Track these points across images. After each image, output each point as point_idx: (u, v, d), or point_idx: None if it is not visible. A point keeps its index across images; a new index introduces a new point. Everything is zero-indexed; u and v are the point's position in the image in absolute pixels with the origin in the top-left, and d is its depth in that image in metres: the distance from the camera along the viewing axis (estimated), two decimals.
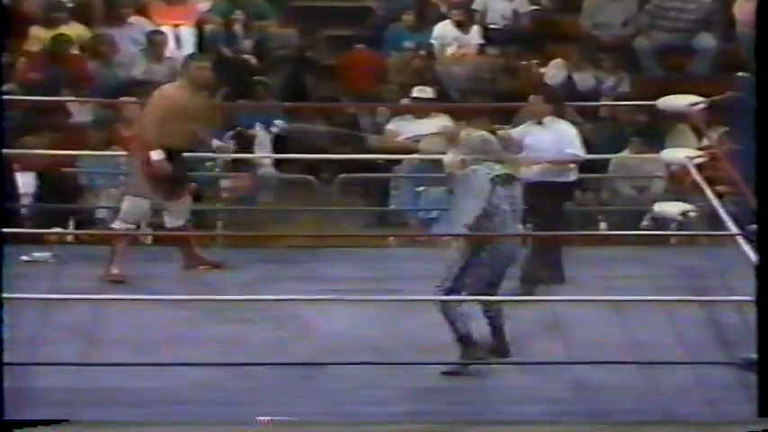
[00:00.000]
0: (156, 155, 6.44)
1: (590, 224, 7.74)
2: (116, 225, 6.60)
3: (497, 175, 5.80)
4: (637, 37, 9.23)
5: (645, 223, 7.28)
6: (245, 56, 9.29)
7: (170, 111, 6.48)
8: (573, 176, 6.92)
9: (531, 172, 6.72)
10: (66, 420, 5.03)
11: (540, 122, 6.91)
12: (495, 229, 5.73)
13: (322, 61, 9.28)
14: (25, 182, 7.62)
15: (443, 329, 5.79)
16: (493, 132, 8.13)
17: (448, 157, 5.95)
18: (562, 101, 7.14)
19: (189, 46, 9.32)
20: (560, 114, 6.93)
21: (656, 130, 8.23)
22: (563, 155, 6.81)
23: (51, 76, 8.73)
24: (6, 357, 5.51)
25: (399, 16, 9.43)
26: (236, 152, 7.81)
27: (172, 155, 6.54)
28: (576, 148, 6.89)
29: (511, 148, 6.70)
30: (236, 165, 8.26)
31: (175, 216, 6.62)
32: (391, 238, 7.88)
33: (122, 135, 8.20)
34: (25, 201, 7.56)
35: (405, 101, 8.65)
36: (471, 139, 5.98)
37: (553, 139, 6.83)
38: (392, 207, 8.26)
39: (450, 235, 7.77)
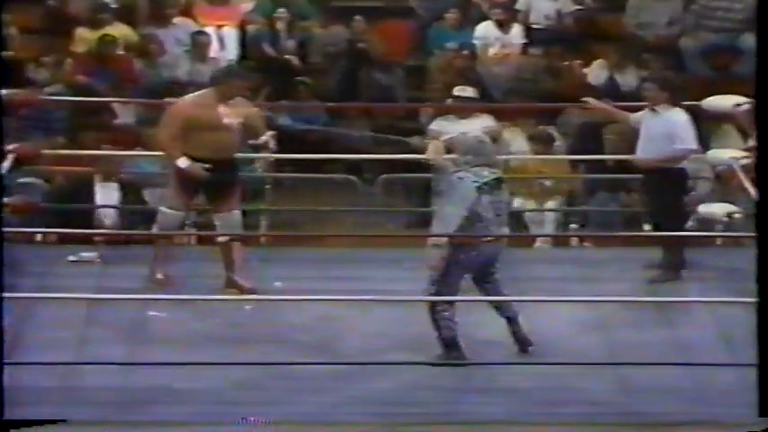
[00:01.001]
0: (183, 162, 6.31)
1: (634, 226, 7.69)
2: (155, 230, 6.54)
3: (485, 183, 5.73)
4: (682, 37, 9.16)
5: (690, 224, 7.21)
6: (287, 56, 9.32)
7: (186, 125, 6.31)
8: (686, 164, 6.88)
9: (645, 160, 6.72)
10: (63, 420, 5.04)
11: (653, 110, 6.83)
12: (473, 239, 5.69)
13: (375, 53, 9.28)
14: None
15: (485, 327, 5.78)
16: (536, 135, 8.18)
17: (431, 147, 5.93)
18: (678, 88, 7.03)
19: (232, 46, 9.37)
20: (676, 102, 6.84)
21: (701, 131, 8.15)
22: (673, 146, 6.72)
23: (97, 76, 8.81)
24: (54, 357, 5.58)
25: (441, 16, 9.42)
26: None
27: (211, 165, 6.38)
28: (687, 140, 6.79)
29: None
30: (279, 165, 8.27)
31: (223, 228, 6.46)
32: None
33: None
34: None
35: (448, 101, 8.64)
36: (467, 139, 5.93)
37: (665, 130, 6.75)
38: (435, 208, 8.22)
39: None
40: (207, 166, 6.31)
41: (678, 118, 6.83)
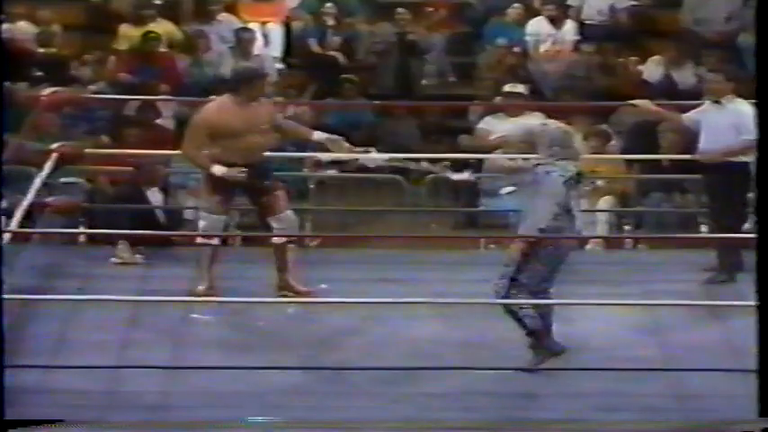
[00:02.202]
0: (218, 169, 6.14)
1: (689, 227, 7.50)
2: (198, 240, 6.36)
3: (570, 177, 5.61)
4: (741, 33, 8.93)
5: (748, 226, 6.99)
6: (333, 53, 9.22)
7: (211, 133, 6.16)
8: (751, 157, 6.66)
9: (713, 153, 6.55)
10: (62, 420, 4.96)
11: (717, 102, 6.68)
12: (564, 230, 5.59)
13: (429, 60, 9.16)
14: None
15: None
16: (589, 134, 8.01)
17: (507, 163, 5.79)
18: (742, 80, 6.84)
19: (277, 43, 9.29)
20: (740, 95, 6.69)
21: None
22: (741, 137, 6.54)
23: (141, 74, 8.74)
24: (97, 360, 5.50)
25: (499, 11, 9.26)
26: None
27: (246, 168, 6.22)
28: (753, 131, 6.54)
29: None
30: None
31: (280, 231, 6.29)
32: (483, 241, 7.72)
33: None
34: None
35: (497, 99, 8.48)
36: (552, 131, 5.74)
37: (732, 121, 6.59)
38: (481, 208, 8.09)
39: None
40: (243, 169, 6.18)
41: (744, 109, 6.64)
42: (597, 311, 6.01)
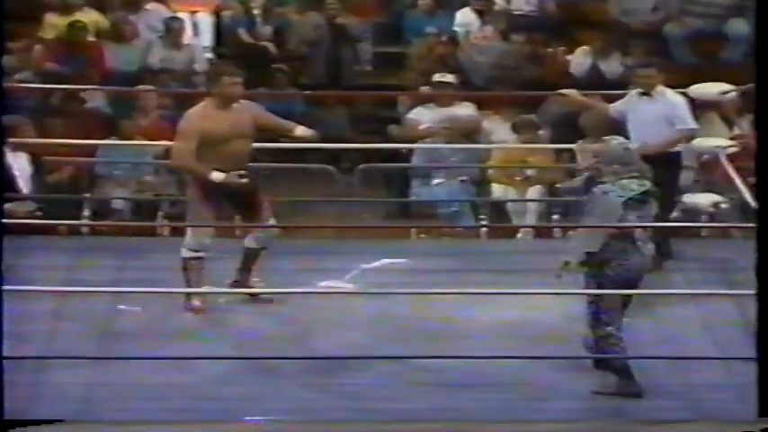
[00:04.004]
0: (217, 175, 5.90)
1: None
2: (184, 254, 6.04)
3: (630, 198, 5.30)
4: (667, 23, 9.02)
5: (675, 214, 7.08)
6: (263, 42, 9.17)
7: (200, 140, 5.94)
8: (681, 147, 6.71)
9: (654, 147, 6.43)
10: (62, 420, 4.90)
11: (646, 94, 6.64)
12: (622, 257, 5.28)
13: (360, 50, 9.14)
14: (19, 165, 7.29)
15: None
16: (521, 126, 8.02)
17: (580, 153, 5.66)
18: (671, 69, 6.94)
19: (207, 33, 9.22)
20: (668, 84, 6.68)
21: None
22: (674, 128, 6.54)
23: (68, 64, 8.63)
24: (21, 351, 5.41)
25: (415, 3, 9.29)
26: None
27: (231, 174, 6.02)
28: (689, 121, 6.63)
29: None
30: None
31: (257, 240, 6.12)
32: (414, 231, 7.75)
33: (139, 125, 8.12)
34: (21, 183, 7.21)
35: (425, 88, 8.51)
36: (611, 146, 5.45)
37: (664, 111, 6.58)
38: (413, 198, 8.12)
39: (472, 227, 7.73)
40: (241, 172, 5.98)
41: (676, 99, 6.68)
42: (528, 300, 6.02)
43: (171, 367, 5.48)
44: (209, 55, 9.11)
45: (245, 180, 5.98)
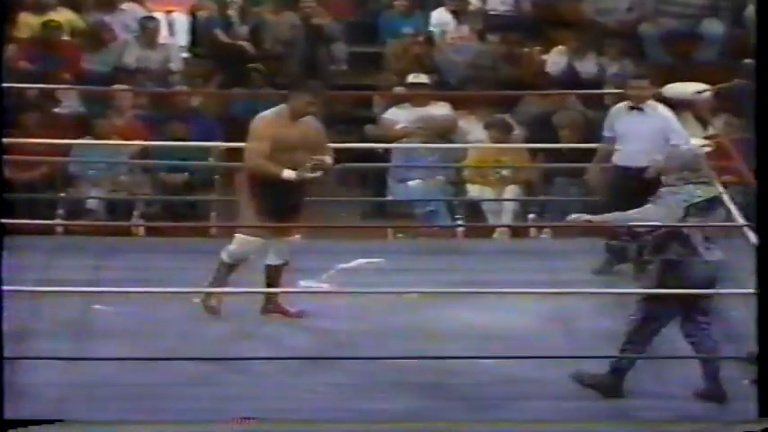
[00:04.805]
0: (288, 173, 5.87)
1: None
2: (224, 258, 6.00)
3: (695, 204, 5.20)
4: (642, 23, 9.06)
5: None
6: (239, 42, 9.15)
7: (271, 143, 5.93)
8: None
9: (632, 159, 6.37)
10: (62, 420, 4.87)
11: (636, 108, 6.50)
12: (681, 262, 5.17)
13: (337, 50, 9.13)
14: None
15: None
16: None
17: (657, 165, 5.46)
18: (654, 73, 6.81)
19: (182, 32, 9.19)
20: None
21: None
22: (670, 142, 6.34)
23: (42, 63, 8.59)
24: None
25: (391, 3, 9.29)
26: None
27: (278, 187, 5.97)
28: (683, 135, 6.48)
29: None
30: None
31: (278, 254, 6.05)
32: (390, 230, 7.76)
33: (114, 125, 8.09)
34: None
35: (398, 89, 8.51)
36: (682, 153, 5.41)
37: (659, 126, 6.45)
38: (389, 198, 8.13)
39: (444, 226, 7.74)
40: (310, 165, 5.93)
41: (667, 113, 6.57)
42: (504, 300, 6.03)
43: (145, 366, 5.45)
44: (185, 54, 9.09)
45: (317, 173, 5.95)
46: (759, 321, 4.61)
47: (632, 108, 6.52)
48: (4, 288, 4.69)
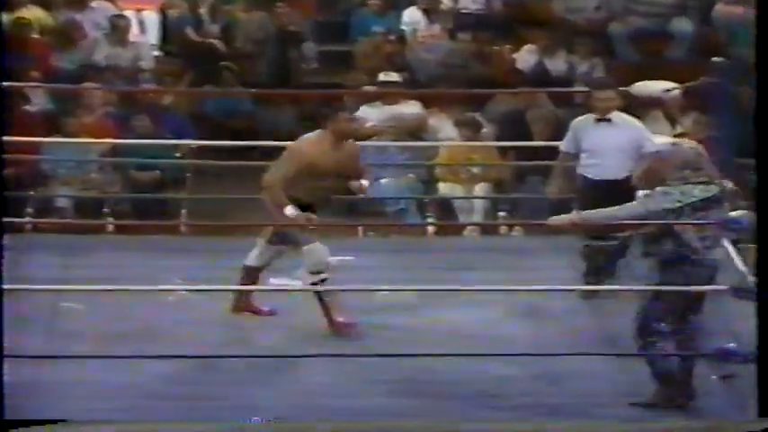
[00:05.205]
0: (290, 210, 5.81)
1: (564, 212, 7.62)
2: (307, 278, 5.90)
3: (689, 204, 5.06)
4: (611, 21, 9.10)
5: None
6: (211, 40, 9.14)
7: (304, 168, 5.86)
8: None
9: (607, 171, 6.27)
10: (65, 420, 4.83)
11: (604, 119, 6.39)
12: (675, 263, 5.05)
13: (308, 49, 9.13)
14: None
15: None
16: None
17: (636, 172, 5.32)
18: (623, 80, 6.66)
19: (153, 30, 9.17)
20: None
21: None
22: (642, 151, 6.21)
23: (11, 60, 8.53)
24: None
25: (364, 2, 9.30)
26: None
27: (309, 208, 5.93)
28: (656, 144, 6.21)
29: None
30: None
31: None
32: (361, 229, 7.77)
33: (84, 122, 8.07)
34: None
35: (368, 87, 8.52)
36: (683, 150, 5.21)
37: (630, 136, 6.35)
38: (360, 196, 8.10)
39: (417, 224, 7.75)
40: (313, 217, 5.89)
41: (637, 123, 6.50)
42: (475, 297, 6.05)
43: (119, 366, 5.44)
44: (156, 52, 9.07)
45: (311, 226, 5.87)
46: (759, 321, 4.57)
47: (600, 120, 6.44)
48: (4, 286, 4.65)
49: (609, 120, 6.42)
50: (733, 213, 5.25)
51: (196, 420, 5.01)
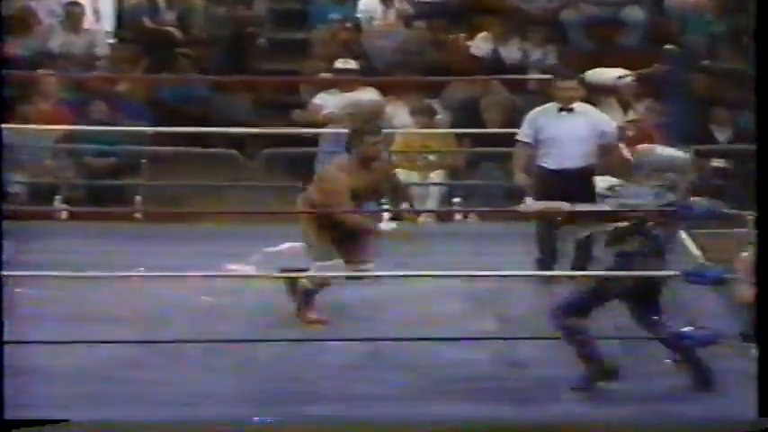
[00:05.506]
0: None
1: (517, 199, 7.68)
2: (307, 285, 5.87)
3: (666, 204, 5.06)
4: (564, 9, 9.17)
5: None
6: (167, 27, 9.11)
7: (333, 196, 5.85)
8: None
9: (568, 161, 6.27)
10: (65, 420, 4.82)
11: (566, 109, 6.38)
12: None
13: (264, 36, 9.13)
14: None
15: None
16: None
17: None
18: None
19: (108, 17, 9.13)
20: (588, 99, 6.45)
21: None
22: (605, 140, 6.22)
23: None
24: None
25: None
26: None
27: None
28: (616, 135, 6.26)
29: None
30: None
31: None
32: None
33: (39, 109, 8.03)
34: None
35: (323, 74, 8.53)
36: (661, 156, 5.26)
37: (593, 125, 6.34)
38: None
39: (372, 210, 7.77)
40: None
41: (599, 113, 6.50)
42: (431, 282, 6.08)
43: (76, 350, 5.43)
44: (111, 40, 9.03)
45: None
46: (759, 320, 4.60)
47: (562, 110, 6.44)
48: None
49: (571, 110, 6.43)
50: (687, 200, 5.34)
51: (196, 420, 4.98)
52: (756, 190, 4.54)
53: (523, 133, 6.46)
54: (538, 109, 6.52)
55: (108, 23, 9.17)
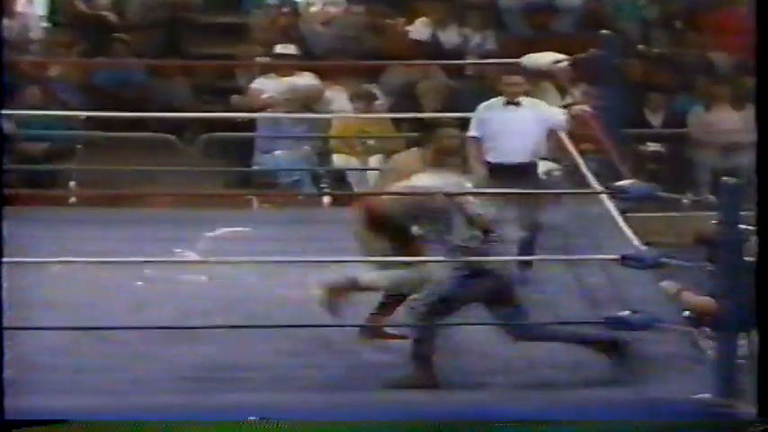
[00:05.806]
0: None
1: None
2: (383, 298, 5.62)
3: None
4: None
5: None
6: (103, 12, 9.02)
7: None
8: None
9: (512, 155, 6.25)
10: (65, 420, 4.75)
11: (513, 103, 6.38)
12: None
13: (201, 20, 9.06)
14: None
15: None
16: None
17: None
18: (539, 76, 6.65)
19: (41, 1, 9.01)
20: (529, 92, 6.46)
21: None
22: (552, 132, 6.31)
23: None
24: None
25: None
26: None
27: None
28: (562, 121, 6.39)
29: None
30: None
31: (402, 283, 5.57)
32: (255, 200, 7.76)
33: None
34: None
35: (261, 59, 8.50)
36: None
37: (539, 118, 6.36)
38: (255, 168, 8.12)
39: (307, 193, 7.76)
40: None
41: (546, 106, 6.53)
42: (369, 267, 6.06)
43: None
44: (44, 24, 8.91)
45: None
46: (759, 320, 4.60)
47: (509, 103, 6.43)
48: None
49: (517, 103, 6.43)
50: (620, 183, 5.38)
51: (196, 420, 4.92)
52: (756, 190, 4.50)
53: (472, 127, 6.45)
54: (485, 103, 6.51)
55: (41, 7, 9.05)
